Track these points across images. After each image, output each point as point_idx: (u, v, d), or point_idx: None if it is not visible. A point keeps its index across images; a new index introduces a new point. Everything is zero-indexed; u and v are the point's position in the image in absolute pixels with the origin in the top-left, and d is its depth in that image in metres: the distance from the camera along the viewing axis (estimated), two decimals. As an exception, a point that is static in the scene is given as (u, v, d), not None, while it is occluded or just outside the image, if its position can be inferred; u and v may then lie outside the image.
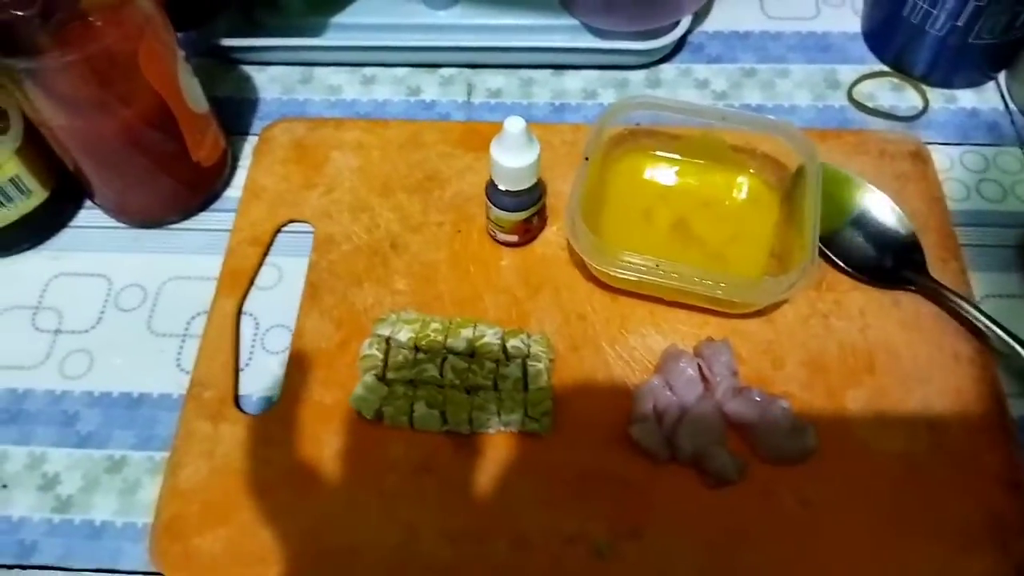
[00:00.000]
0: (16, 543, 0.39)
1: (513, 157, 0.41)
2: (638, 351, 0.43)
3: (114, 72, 0.41)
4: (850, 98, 0.53)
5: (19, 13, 0.36)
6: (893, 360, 0.42)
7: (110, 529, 0.39)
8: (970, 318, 0.42)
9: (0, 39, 0.38)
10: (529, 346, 0.42)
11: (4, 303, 0.47)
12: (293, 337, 0.44)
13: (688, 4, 0.53)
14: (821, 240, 0.43)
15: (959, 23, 0.49)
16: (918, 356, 0.42)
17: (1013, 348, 0.40)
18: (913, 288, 0.44)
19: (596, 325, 0.44)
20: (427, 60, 0.56)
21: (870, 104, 0.53)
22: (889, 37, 0.54)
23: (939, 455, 0.39)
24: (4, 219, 0.46)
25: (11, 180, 0.45)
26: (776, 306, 0.44)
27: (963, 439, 0.40)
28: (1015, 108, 0.52)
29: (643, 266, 0.40)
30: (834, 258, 0.45)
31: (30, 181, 0.46)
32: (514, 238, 0.46)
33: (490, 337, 0.41)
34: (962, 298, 0.42)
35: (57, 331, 0.45)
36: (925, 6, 0.50)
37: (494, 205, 0.44)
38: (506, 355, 0.41)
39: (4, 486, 0.41)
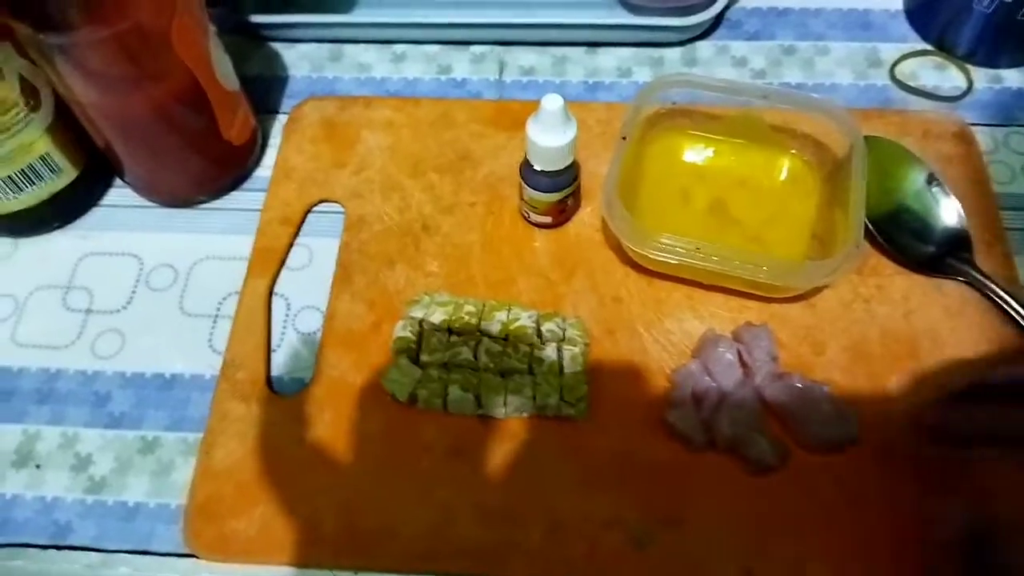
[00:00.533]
0: (51, 523, 0.39)
1: (550, 136, 0.40)
2: (675, 335, 0.42)
3: (146, 48, 0.40)
4: (892, 77, 0.52)
5: (52, -12, 0.36)
6: (936, 347, 0.41)
7: (143, 510, 0.39)
8: (1013, 313, 0.41)
9: (33, 14, 0.37)
10: (564, 330, 0.41)
11: (35, 282, 0.47)
12: (325, 318, 0.44)
13: (726, -20, 0.52)
14: (869, 221, 0.42)
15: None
16: (962, 344, 0.41)
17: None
18: (959, 279, 0.43)
19: (632, 308, 0.43)
20: (458, 37, 0.55)
21: (912, 83, 0.51)
22: (932, 15, 0.53)
23: (984, 444, 0.38)
24: (35, 198, 0.46)
25: (41, 158, 0.45)
26: (817, 290, 0.43)
27: (1009, 428, 0.39)
28: (1063, 88, 0.51)
29: (682, 249, 0.39)
30: (880, 241, 0.43)
31: (60, 160, 0.46)
32: (548, 219, 0.45)
33: (525, 320, 0.41)
34: (1006, 292, 0.41)
35: (88, 311, 0.45)
36: (973, -18, 0.48)
37: (529, 185, 0.43)
38: (541, 338, 0.41)
39: (38, 466, 0.41)
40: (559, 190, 0.43)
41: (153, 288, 0.46)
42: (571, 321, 0.42)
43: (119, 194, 0.49)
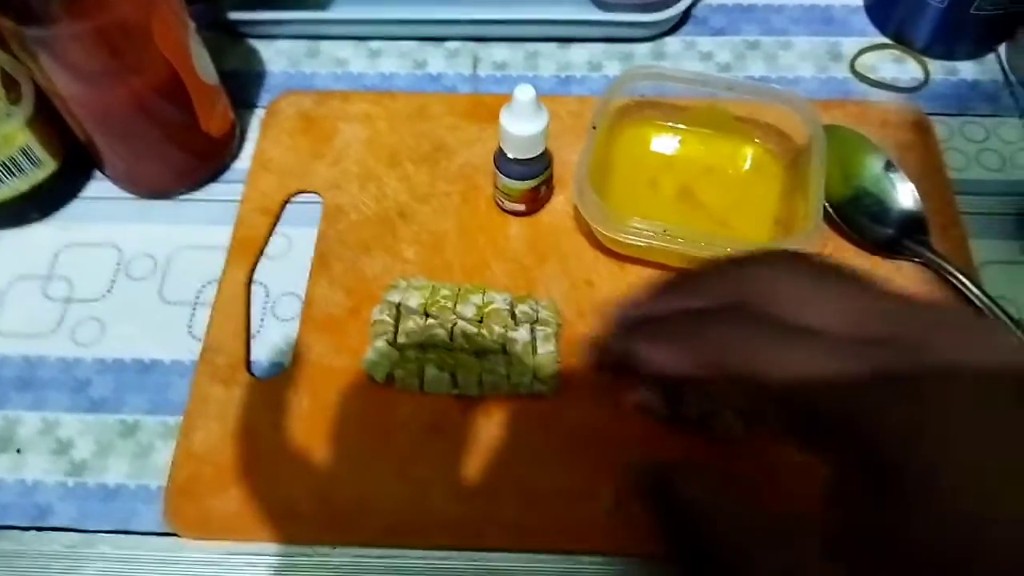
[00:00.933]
0: (32, 505, 0.40)
1: (522, 125, 0.41)
2: (644, 316, 0.43)
3: (126, 42, 0.41)
4: (852, 70, 0.54)
5: (33, -21, 0.37)
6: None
7: (124, 492, 0.40)
8: (967, 294, 0.42)
9: (14, 7, 0.38)
10: (537, 311, 0.42)
11: (15, 273, 0.47)
12: (303, 305, 0.44)
13: (692, -23, 0.54)
14: (830, 206, 0.44)
15: (962, -5, 0.50)
16: (920, 321, 0.43)
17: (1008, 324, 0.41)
18: (916, 260, 0.44)
19: (603, 292, 0.44)
20: (433, 33, 0.57)
21: (872, 76, 0.53)
22: (891, 9, 0.55)
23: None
24: (14, 190, 0.46)
25: (22, 150, 0.45)
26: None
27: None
28: (1015, 79, 0.53)
29: (650, 231, 0.41)
30: (839, 224, 0.45)
31: (40, 152, 0.46)
32: (522, 207, 0.46)
33: (499, 303, 0.42)
34: (961, 273, 0.43)
35: (68, 300, 0.46)
36: (928, -22, 0.50)
37: (503, 174, 0.44)
38: (515, 320, 0.42)
39: (19, 451, 0.41)
40: (532, 178, 0.44)
41: (133, 277, 0.47)
42: (544, 303, 0.43)
43: (99, 186, 0.50)
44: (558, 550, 0.38)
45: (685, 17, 0.56)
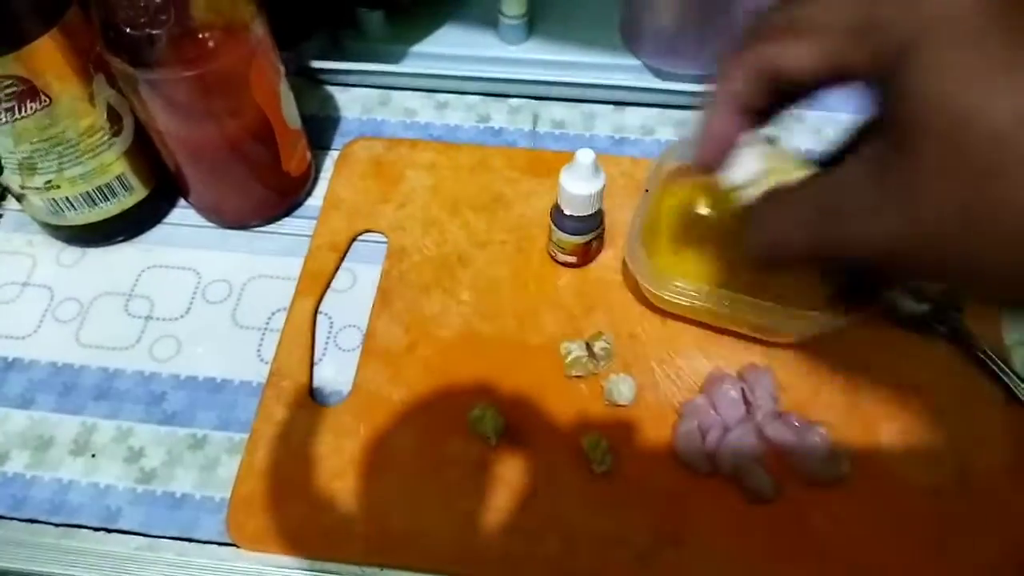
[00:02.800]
0: (102, 508, 0.43)
1: (581, 185, 0.44)
2: (685, 372, 0.46)
3: (225, 88, 0.45)
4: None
5: (153, 32, 0.41)
6: (927, 397, 0.45)
7: (189, 501, 0.43)
8: (998, 372, 0.44)
9: (127, 50, 0.42)
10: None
11: (100, 288, 0.51)
12: (365, 337, 0.48)
13: (746, 53, 0.57)
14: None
15: None
16: (951, 395, 0.45)
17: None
18: (948, 337, 0.46)
19: (646, 345, 0.47)
20: (497, 90, 0.60)
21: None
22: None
23: (966, 493, 0.42)
24: (106, 212, 0.50)
25: (117, 177, 0.49)
26: (818, 338, 0.46)
27: (991, 480, 0.42)
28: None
29: (693, 292, 0.43)
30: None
31: (133, 180, 0.50)
32: (573, 259, 0.49)
33: (575, 350, 0.45)
34: (991, 357, 0.45)
35: (148, 317, 0.50)
36: None
37: (558, 228, 0.47)
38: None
39: (93, 455, 0.45)
40: (585, 233, 0.47)
41: (209, 300, 0.50)
42: (605, 337, 0.46)
43: (182, 213, 0.54)
44: (592, 588, 0.40)
45: (737, 89, 0.59)
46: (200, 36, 0.42)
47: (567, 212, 0.46)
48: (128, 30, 0.41)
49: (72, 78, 0.44)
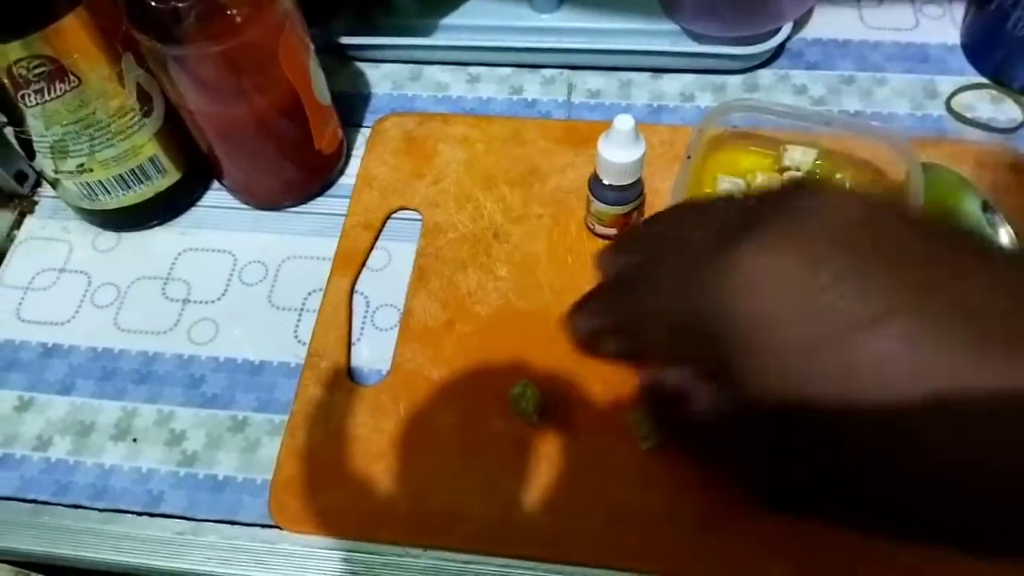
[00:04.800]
0: (145, 492, 0.43)
1: (620, 153, 0.43)
2: (733, 344, 0.44)
3: (253, 63, 0.44)
4: (948, 108, 0.54)
5: (179, 6, 0.40)
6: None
7: (231, 484, 0.43)
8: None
9: (155, 27, 0.42)
10: None
11: (137, 273, 0.51)
12: (402, 316, 0.47)
13: (789, 11, 0.55)
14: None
15: (1065, 37, 0.50)
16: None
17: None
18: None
19: (692, 317, 0.45)
20: (530, 61, 0.59)
21: (968, 115, 0.53)
22: (990, 50, 0.55)
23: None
24: (140, 196, 0.50)
25: (150, 159, 0.49)
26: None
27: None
28: (1119, 123, 0.52)
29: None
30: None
31: (166, 161, 0.50)
32: (612, 231, 0.48)
33: None
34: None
35: (185, 300, 0.49)
36: (1030, 19, 0.50)
37: (597, 198, 0.46)
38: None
39: (135, 440, 0.45)
40: (625, 203, 0.45)
41: (245, 282, 0.50)
42: None
43: (215, 196, 0.54)
44: (640, 569, 0.39)
45: (779, 50, 0.57)
46: (227, 10, 0.41)
47: (606, 182, 0.45)
48: (154, 4, 0.40)
49: (100, 57, 0.44)
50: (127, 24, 0.42)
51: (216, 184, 0.54)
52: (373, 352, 0.46)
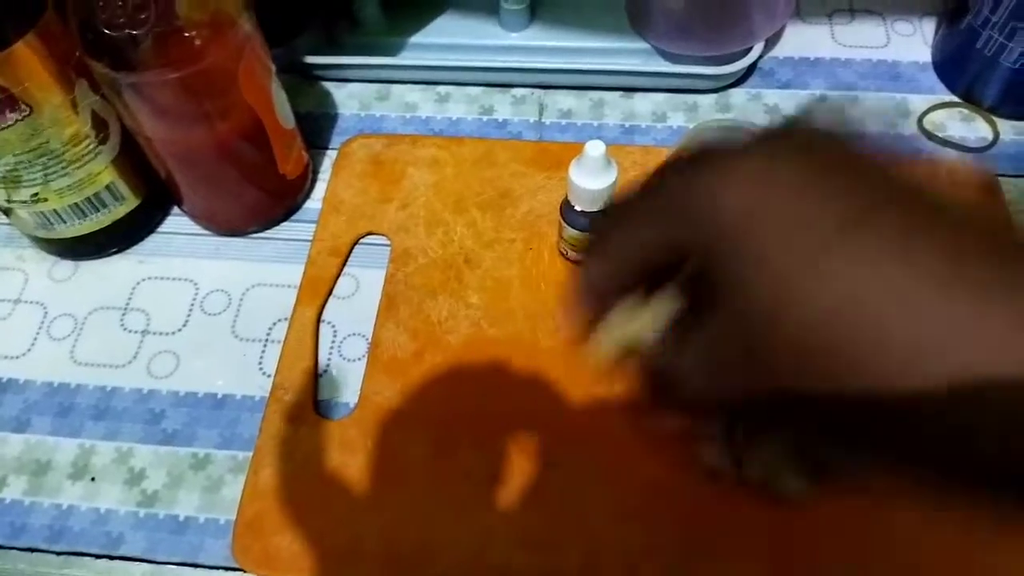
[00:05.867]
0: (103, 534, 0.41)
1: (591, 179, 0.42)
2: (708, 371, 0.43)
3: (213, 88, 0.43)
4: (920, 127, 0.54)
5: (134, 32, 0.38)
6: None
7: (193, 524, 0.41)
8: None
9: (109, 53, 0.40)
10: None
11: (95, 303, 0.49)
12: (370, 346, 0.45)
13: (760, 31, 0.54)
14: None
15: (1033, 56, 0.50)
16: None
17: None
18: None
19: (666, 344, 0.44)
20: (500, 80, 0.58)
21: (940, 134, 0.53)
22: (960, 68, 0.55)
23: None
24: (98, 224, 0.48)
25: (107, 187, 0.47)
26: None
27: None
28: (1089, 141, 0.52)
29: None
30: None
31: (124, 188, 0.48)
32: (586, 256, 0.47)
33: None
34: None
35: (145, 332, 0.48)
36: (1000, 39, 0.50)
37: (569, 224, 0.45)
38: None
39: (92, 479, 0.43)
40: (598, 229, 0.45)
41: (207, 312, 0.48)
42: None
43: (176, 222, 0.52)
44: (618, 605, 0.38)
45: (751, 69, 0.57)
46: (184, 35, 0.40)
47: (578, 208, 0.44)
48: (107, 31, 0.39)
49: (53, 85, 0.42)
50: (80, 51, 0.41)
51: (177, 210, 0.52)
52: (340, 384, 0.45)
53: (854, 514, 0.39)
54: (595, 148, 0.41)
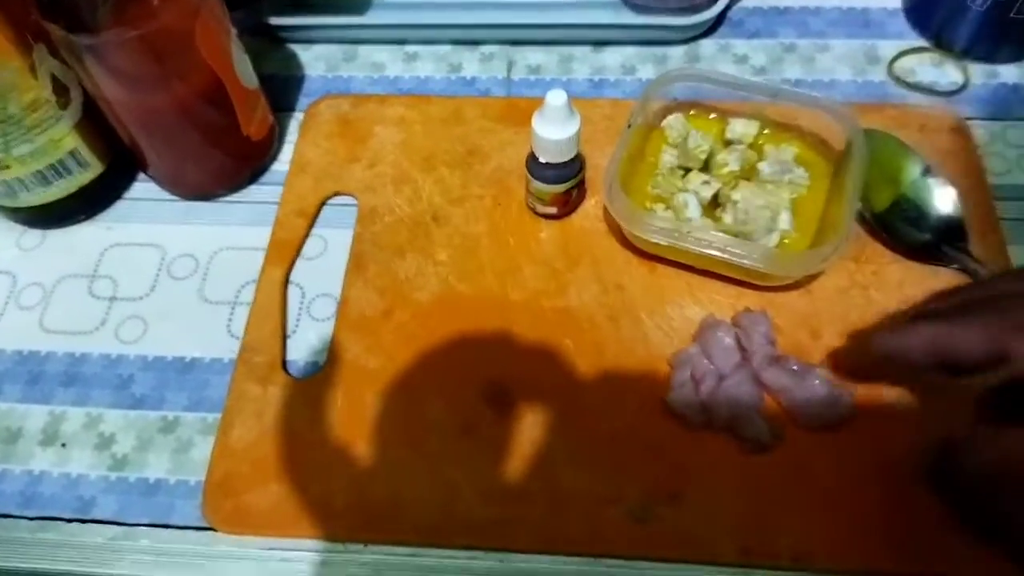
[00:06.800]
0: (75, 498, 0.41)
1: (554, 129, 0.42)
2: (676, 321, 0.43)
3: (171, 48, 0.42)
4: (890, 73, 0.53)
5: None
6: (932, 332, 0.42)
7: (163, 486, 0.41)
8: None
9: (65, 16, 0.40)
10: None
11: (62, 271, 0.49)
12: (339, 305, 0.45)
13: (728, -21, 0.53)
14: (869, 212, 0.43)
15: (1001, -1, 0.49)
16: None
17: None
18: (954, 266, 0.44)
19: (634, 296, 0.44)
20: (468, 37, 0.57)
21: (910, 80, 0.53)
22: (930, 13, 0.54)
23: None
24: (63, 191, 0.48)
25: (70, 153, 0.47)
26: (813, 278, 0.44)
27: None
28: (1060, 82, 0.52)
29: (675, 231, 0.41)
30: (878, 230, 0.45)
31: (88, 154, 0.48)
32: (553, 210, 0.46)
33: None
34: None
35: (112, 298, 0.47)
36: (969, -20, 0.49)
37: (535, 177, 0.44)
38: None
39: (63, 445, 0.43)
40: (563, 181, 0.44)
41: (175, 277, 0.48)
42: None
43: (143, 188, 0.52)
44: (583, 553, 0.38)
45: (720, 20, 0.56)
46: (136, -8, 0.39)
47: (542, 160, 0.43)
48: (60, -8, 0.38)
49: (10, 49, 0.41)
50: (36, 14, 0.40)
51: (143, 175, 0.52)
52: (309, 344, 0.45)
53: (816, 458, 0.39)
54: (556, 97, 0.41)
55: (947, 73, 0.53)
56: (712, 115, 0.48)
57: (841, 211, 0.41)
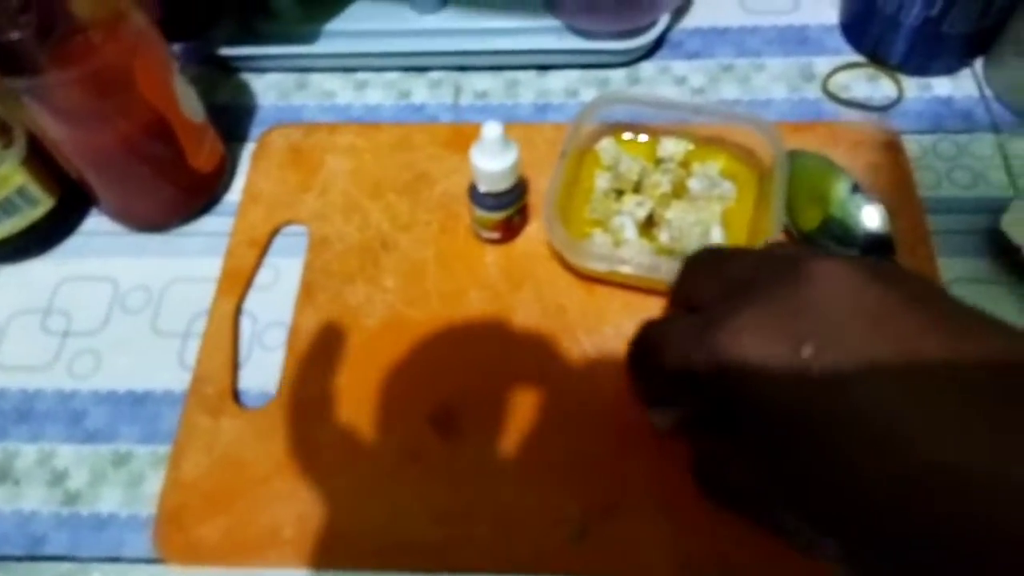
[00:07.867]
0: (27, 536, 0.42)
1: (491, 161, 0.43)
2: (612, 340, 0.44)
3: (111, 86, 0.43)
4: (825, 89, 0.54)
5: (15, 35, 0.38)
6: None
7: (115, 520, 0.42)
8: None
9: (2, 59, 0.40)
10: None
11: (15, 308, 0.49)
12: (289, 334, 0.46)
13: (666, 3, 0.55)
14: (799, 232, 0.45)
15: (932, 13, 0.50)
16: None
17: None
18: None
19: (574, 317, 0.45)
20: (416, 64, 0.58)
21: (844, 95, 0.54)
22: (865, 28, 0.55)
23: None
24: (13, 228, 0.48)
25: (18, 191, 0.47)
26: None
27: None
28: (990, 94, 0.53)
29: (609, 258, 0.43)
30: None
31: (36, 191, 0.48)
32: (496, 235, 0.47)
33: None
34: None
35: (66, 333, 0.48)
36: (899, -3, 0.51)
37: (476, 205, 0.45)
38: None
39: (16, 482, 0.43)
40: (504, 208, 0.45)
41: (128, 310, 0.48)
42: None
43: (95, 221, 0.52)
44: (530, 571, 0.39)
45: (660, 41, 0.57)
46: (73, 35, 0.40)
47: (482, 189, 0.44)
48: (-8, 37, 0.39)
49: (-52, 93, 0.42)
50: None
51: (95, 209, 0.52)
52: (261, 374, 0.45)
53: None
54: (492, 130, 0.42)
55: (881, 87, 0.54)
56: (643, 136, 0.49)
57: (768, 225, 0.42)
